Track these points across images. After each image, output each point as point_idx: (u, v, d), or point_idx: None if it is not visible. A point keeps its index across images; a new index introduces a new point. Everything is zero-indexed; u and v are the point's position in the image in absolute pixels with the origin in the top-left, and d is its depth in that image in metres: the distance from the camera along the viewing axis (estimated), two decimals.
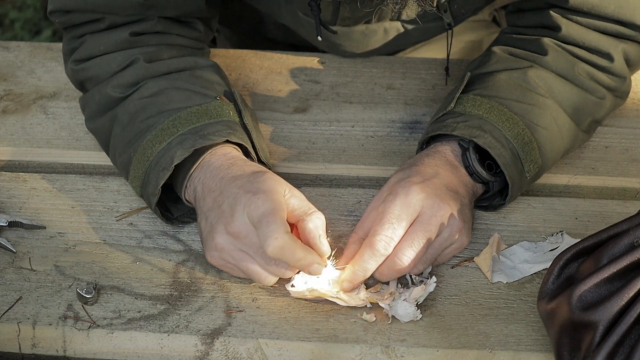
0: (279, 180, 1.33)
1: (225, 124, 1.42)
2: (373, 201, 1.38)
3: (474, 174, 1.41)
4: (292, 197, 1.32)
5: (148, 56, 1.48)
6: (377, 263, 1.32)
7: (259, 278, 1.32)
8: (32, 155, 1.57)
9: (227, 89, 1.50)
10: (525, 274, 1.37)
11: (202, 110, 1.43)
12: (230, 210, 1.31)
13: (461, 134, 1.41)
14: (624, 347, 1.15)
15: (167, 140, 1.40)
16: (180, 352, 1.30)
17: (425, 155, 1.42)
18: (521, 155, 1.41)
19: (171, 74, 1.48)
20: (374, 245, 1.31)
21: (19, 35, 3.26)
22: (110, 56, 1.49)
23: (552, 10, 1.48)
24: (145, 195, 1.42)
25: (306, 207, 1.33)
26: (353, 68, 1.72)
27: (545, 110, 1.45)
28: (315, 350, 1.28)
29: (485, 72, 1.49)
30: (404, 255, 1.31)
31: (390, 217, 1.31)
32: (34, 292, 1.35)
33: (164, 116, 1.42)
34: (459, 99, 1.46)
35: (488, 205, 1.46)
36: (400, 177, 1.37)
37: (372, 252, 1.31)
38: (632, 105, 1.64)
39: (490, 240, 1.40)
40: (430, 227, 1.32)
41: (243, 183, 1.32)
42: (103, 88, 1.48)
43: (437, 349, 1.28)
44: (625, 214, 1.35)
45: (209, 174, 1.37)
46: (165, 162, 1.38)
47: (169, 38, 1.52)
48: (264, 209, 1.27)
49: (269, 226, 1.26)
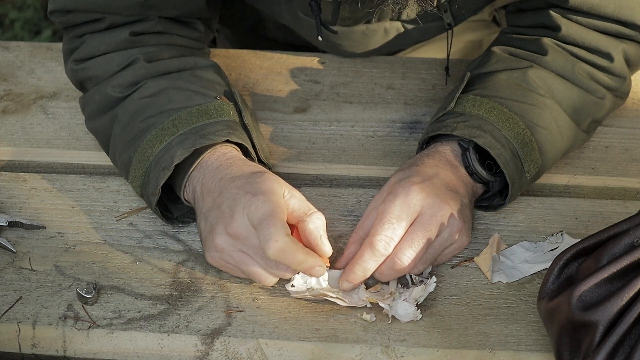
0: (279, 181, 1.33)
1: (225, 124, 1.42)
2: (373, 201, 1.38)
3: (474, 173, 1.41)
4: (291, 197, 1.32)
5: (148, 56, 1.48)
6: (377, 263, 1.32)
7: (259, 279, 1.32)
8: (32, 155, 1.57)
9: (227, 89, 1.50)
10: (525, 274, 1.37)
11: (202, 110, 1.43)
12: (230, 211, 1.31)
13: (461, 134, 1.41)
14: (624, 347, 1.15)
15: (167, 140, 1.40)
16: (180, 352, 1.30)
17: (425, 155, 1.42)
18: (521, 155, 1.41)
19: (171, 74, 1.48)
20: (374, 245, 1.31)
21: (19, 35, 3.26)
22: (110, 56, 1.49)
23: (552, 10, 1.48)
24: (145, 195, 1.42)
25: (306, 208, 1.32)
26: (353, 68, 1.72)
27: (545, 110, 1.45)
28: (315, 350, 1.28)
29: (485, 72, 1.50)
30: (404, 255, 1.31)
31: (390, 217, 1.31)
32: (34, 292, 1.35)
33: (164, 116, 1.42)
34: (459, 99, 1.46)
35: (488, 205, 1.46)
36: (400, 177, 1.37)
37: (372, 252, 1.31)
38: (632, 105, 1.64)
39: (490, 240, 1.40)
40: (430, 227, 1.32)
41: (242, 184, 1.32)
42: (103, 88, 1.48)
43: (437, 349, 1.28)
44: (625, 214, 1.35)
45: (208, 174, 1.37)
46: (166, 161, 1.38)
47: (169, 38, 1.52)
48: (263, 211, 1.27)
49: (269, 228, 1.26)
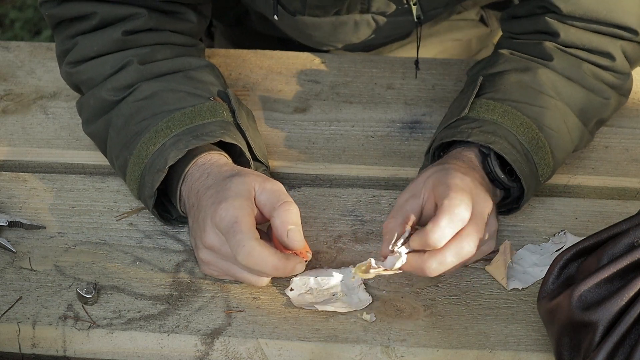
0: (247, 180, 1.31)
1: (218, 124, 1.42)
2: (403, 197, 1.33)
3: (495, 180, 1.39)
4: (262, 193, 1.30)
5: (141, 58, 1.48)
6: (454, 231, 1.26)
7: (249, 282, 1.32)
8: (32, 155, 1.57)
9: (221, 89, 1.49)
10: (538, 277, 1.35)
11: (195, 111, 1.42)
12: (202, 224, 1.31)
13: (477, 139, 1.38)
14: (624, 347, 1.15)
15: (161, 141, 1.40)
16: (180, 352, 1.30)
17: (453, 157, 1.40)
18: (535, 160, 1.40)
19: (165, 76, 1.47)
20: (453, 209, 1.24)
21: (19, 35, 3.26)
22: (103, 58, 1.48)
23: (547, 16, 1.48)
24: (142, 198, 1.42)
25: (274, 201, 1.30)
26: (353, 68, 1.72)
27: (557, 112, 1.44)
28: (315, 350, 1.28)
29: (495, 73, 1.49)
30: (471, 241, 1.26)
31: (459, 188, 1.27)
32: (34, 292, 1.35)
33: (158, 118, 1.42)
34: (472, 103, 1.44)
35: (504, 210, 1.45)
36: (439, 170, 1.33)
37: (451, 217, 1.25)
38: (632, 105, 1.64)
39: (501, 247, 1.38)
40: (483, 223, 1.29)
41: (212, 193, 1.32)
42: (97, 91, 1.48)
43: (437, 349, 1.28)
44: (625, 214, 1.35)
45: (189, 187, 1.37)
46: (160, 163, 1.38)
47: (162, 36, 1.51)
48: (228, 219, 1.27)
49: (236, 236, 1.25)
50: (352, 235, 1.43)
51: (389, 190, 1.50)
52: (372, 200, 1.48)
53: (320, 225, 1.44)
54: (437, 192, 1.29)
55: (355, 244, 1.42)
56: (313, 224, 1.45)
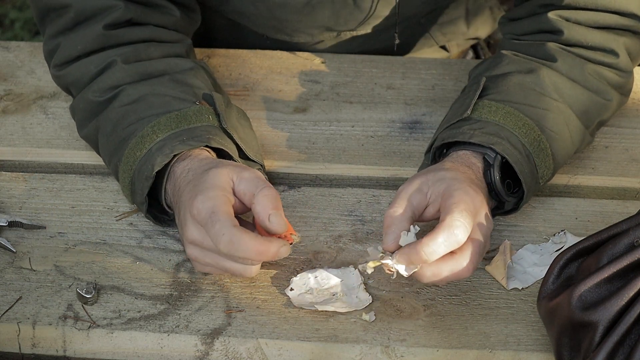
0: (224, 171, 1.30)
1: (204, 129, 1.40)
2: (395, 206, 1.31)
3: (493, 191, 1.39)
4: (240, 182, 1.30)
5: (125, 57, 1.46)
6: (447, 250, 1.25)
7: (238, 273, 1.30)
8: (32, 155, 1.57)
9: (207, 92, 1.47)
10: (538, 277, 1.35)
11: (181, 115, 1.41)
12: (183, 219, 1.31)
13: (479, 141, 1.38)
14: (624, 347, 1.15)
15: (147, 147, 1.39)
16: (180, 352, 1.30)
17: (460, 162, 1.39)
18: (536, 162, 1.40)
19: (150, 80, 1.46)
20: (453, 229, 1.24)
21: (19, 35, 3.25)
22: (88, 59, 1.47)
23: (549, 14, 1.47)
24: (136, 203, 1.42)
25: (253, 188, 1.29)
26: (353, 68, 1.72)
27: (559, 115, 1.44)
28: (315, 350, 1.28)
29: (498, 75, 1.48)
30: (471, 263, 1.26)
31: (465, 207, 1.26)
32: (34, 292, 1.35)
33: (144, 122, 1.41)
34: (474, 104, 1.44)
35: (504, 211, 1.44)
36: (453, 178, 1.32)
37: (449, 236, 1.24)
38: (632, 105, 1.64)
39: (500, 247, 1.38)
40: (485, 241, 1.29)
41: (190, 188, 1.31)
42: (85, 94, 1.47)
43: (437, 349, 1.28)
44: (625, 214, 1.35)
45: (173, 186, 1.37)
46: (147, 170, 1.37)
47: (145, 32, 1.49)
48: (205, 210, 1.26)
49: (214, 225, 1.25)
50: (352, 235, 1.43)
51: (389, 190, 1.50)
52: (372, 200, 1.48)
53: (320, 225, 1.44)
54: (444, 202, 1.28)
55: (355, 243, 1.42)
56: (313, 224, 1.45)
